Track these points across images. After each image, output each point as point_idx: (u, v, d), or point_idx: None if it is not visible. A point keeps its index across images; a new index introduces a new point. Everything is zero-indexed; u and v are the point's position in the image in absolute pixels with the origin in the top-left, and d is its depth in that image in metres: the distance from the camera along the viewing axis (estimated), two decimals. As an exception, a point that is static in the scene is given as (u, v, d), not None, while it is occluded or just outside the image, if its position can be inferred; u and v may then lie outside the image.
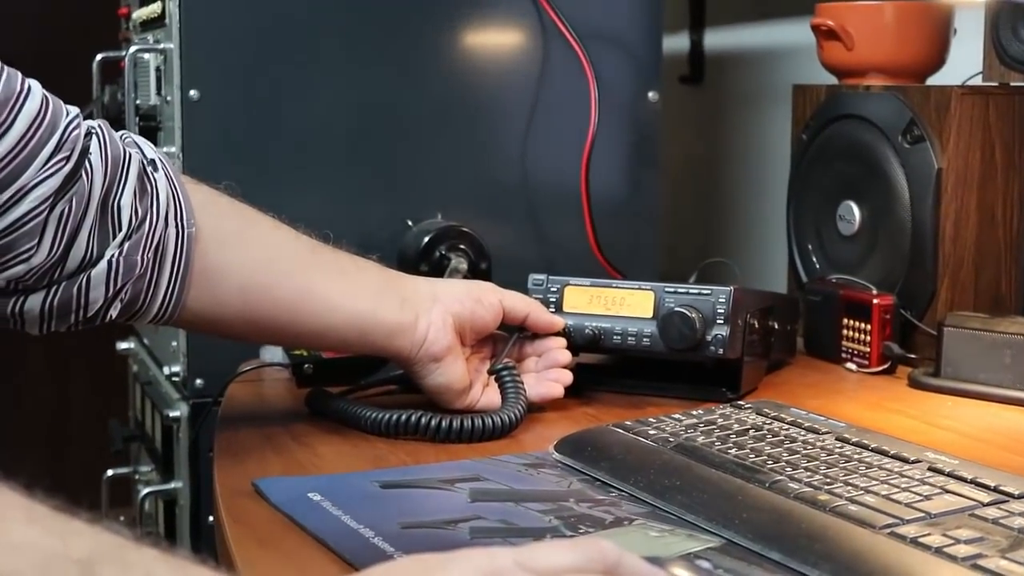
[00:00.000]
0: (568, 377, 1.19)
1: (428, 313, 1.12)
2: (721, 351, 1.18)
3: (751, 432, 1.02)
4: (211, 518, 1.35)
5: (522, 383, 1.16)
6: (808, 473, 0.90)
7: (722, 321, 1.18)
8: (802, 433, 1.01)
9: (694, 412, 1.08)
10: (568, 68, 1.54)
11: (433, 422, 1.08)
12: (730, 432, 1.02)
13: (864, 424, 1.05)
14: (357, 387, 1.22)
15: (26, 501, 0.60)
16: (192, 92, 1.42)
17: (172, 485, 1.51)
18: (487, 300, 1.16)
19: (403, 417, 1.08)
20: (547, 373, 1.19)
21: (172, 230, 1.01)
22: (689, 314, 1.18)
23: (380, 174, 1.50)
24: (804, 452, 0.96)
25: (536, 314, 1.20)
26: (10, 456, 1.19)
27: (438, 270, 1.39)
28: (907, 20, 1.47)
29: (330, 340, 1.12)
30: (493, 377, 1.17)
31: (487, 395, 1.16)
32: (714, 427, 1.03)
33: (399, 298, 1.12)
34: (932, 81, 1.50)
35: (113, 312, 1.00)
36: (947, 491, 0.86)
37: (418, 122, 1.51)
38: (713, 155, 2.27)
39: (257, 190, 1.44)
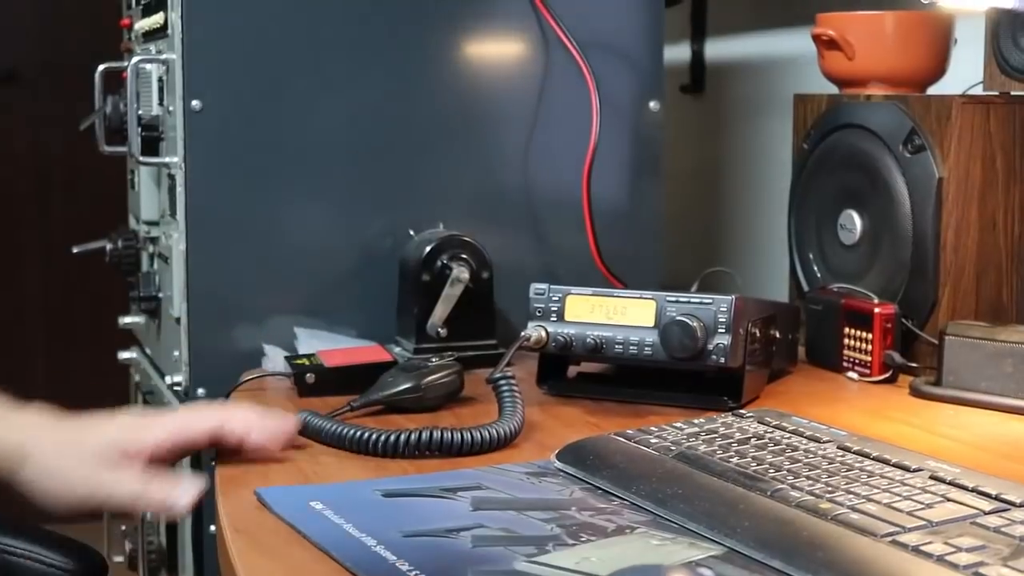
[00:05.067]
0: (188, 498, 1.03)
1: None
2: (723, 360, 1.19)
3: (753, 441, 1.02)
4: (213, 528, 1.35)
5: (520, 393, 1.16)
6: (810, 481, 0.90)
7: (723, 330, 1.19)
8: (804, 442, 1.01)
9: (696, 421, 1.08)
10: (569, 78, 1.54)
11: (426, 435, 1.07)
12: (732, 441, 1.02)
13: (866, 433, 1.05)
14: (346, 410, 1.20)
15: None
16: (194, 102, 1.42)
17: (174, 495, 1.50)
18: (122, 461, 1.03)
19: (402, 436, 1.07)
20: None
21: None
22: (690, 323, 1.18)
23: (382, 184, 1.50)
24: (806, 461, 0.96)
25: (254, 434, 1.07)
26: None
27: (440, 279, 1.39)
28: (908, 30, 1.48)
29: None
30: (491, 387, 1.17)
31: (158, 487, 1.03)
32: (716, 436, 1.03)
33: None
34: (933, 90, 1.51)
35: None
36: (949, 499, 0.86)
37: (420, 132, 1.51)
38: (714, 164, 2.27)
39: (259, 200, 1.46)
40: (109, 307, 2.04)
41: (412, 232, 1.48)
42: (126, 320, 1.82)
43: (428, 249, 1.41)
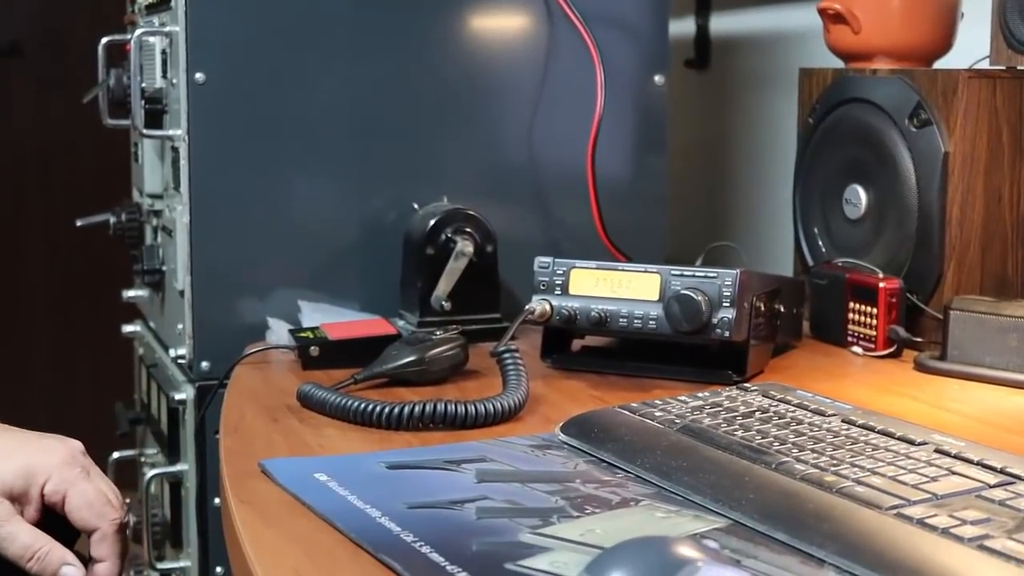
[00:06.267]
0: None
1: None
2: (727, 334, 1.18)
3: (757, 414, 1.02)
4: (217, 500, 1.35)
5: (524, 366, 1.16)
6: (814, 454, 0.90)
7: (728, 304, 1.18)
8: (808, 415, 1.01)
9: (700, 394, 1.08)
10: (574, 52, 1.53)
11: (430, 408, 1.07)
12: (736, 414, 1.02)
13: (870, 407, 1.05)
14: (350, 382, 1.20)
15: None
16: (198, 75, 1.42)
17: (178, 467, 1.51)
18: None
19: (405, 409, 1.07)
20: None
21: None
22: (695, 296, 1.18)
23: (386, 157, 1.50)
24: (810, 434, 0.96)
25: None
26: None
27: (444, 253, 1.39)
28: (914, 4, 1.47)
29: None
30: (495, 360, 1.17)
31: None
32: (720, 409, 1.03)
33: None
34: (939, 65, 1.50)
35: None
36: (953, 473, 0.86)
37: (424, 105, 1.51)
38: (719, 139, 2.26)
39: (263, 173, 1.45)
40: (112, 280, 2.04)
41: (416, 206, 1.47)
42: (130, 293, 1.82)
43: (432, 222, 1.41)
